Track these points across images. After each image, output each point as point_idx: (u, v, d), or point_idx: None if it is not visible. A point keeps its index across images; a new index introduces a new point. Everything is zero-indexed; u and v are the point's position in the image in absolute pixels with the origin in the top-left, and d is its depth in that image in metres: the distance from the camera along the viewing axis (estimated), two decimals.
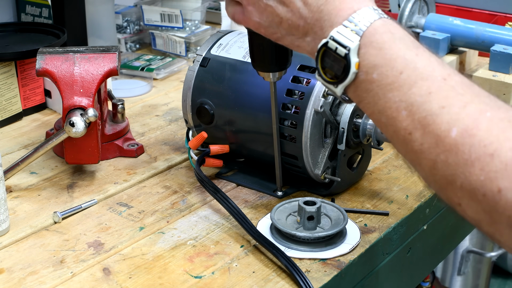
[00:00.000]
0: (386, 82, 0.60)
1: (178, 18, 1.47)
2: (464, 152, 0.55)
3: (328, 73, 0.64)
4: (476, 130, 0.55)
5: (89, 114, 0.92)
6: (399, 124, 0.60)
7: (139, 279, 0.77)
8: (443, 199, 0.60)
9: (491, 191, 0.54)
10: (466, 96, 0.58)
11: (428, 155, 0.58)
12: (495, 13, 1.48)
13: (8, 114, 1.16)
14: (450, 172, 0.57)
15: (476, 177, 0.55)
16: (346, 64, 0.62)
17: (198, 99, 0.96)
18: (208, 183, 0.87)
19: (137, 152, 1.05)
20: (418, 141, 0.58)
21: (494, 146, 0.54)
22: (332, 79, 0.64)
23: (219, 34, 1.00)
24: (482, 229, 0.58)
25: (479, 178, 0.54)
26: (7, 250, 0.82)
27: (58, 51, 0.98)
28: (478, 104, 0.57)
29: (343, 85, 0.63)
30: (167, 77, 1.38)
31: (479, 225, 0.57)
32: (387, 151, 1.07)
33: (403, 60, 0.60)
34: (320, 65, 0.65)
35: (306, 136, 0.88)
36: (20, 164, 0.96)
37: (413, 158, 0.60)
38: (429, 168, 0.58)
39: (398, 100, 0.59)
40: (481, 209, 0.55)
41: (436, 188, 0.60)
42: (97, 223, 0.88)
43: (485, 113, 0.56)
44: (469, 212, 0.57)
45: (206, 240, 0.84)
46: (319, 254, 0.81)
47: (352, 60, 0.62)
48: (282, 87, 0.90)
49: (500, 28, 1.33)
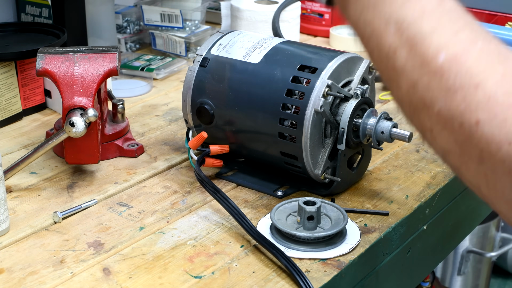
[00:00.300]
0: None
1: (178, 18, 1.47)
2: (448, 78, 0.54)
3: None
4: (464, 58, 0.54)
5: (89, 114, 0.92)
6: (384, 39, 0.57)
7: (139, 279, 0.77)
8: (413, 123, 0.58)
9: (469, 122, 0.52)
10: (459, 22, 0.56)
11: (409, 75, 0.56)
12: (495, 13, 1.48)
13: (8, 114, 1.16)
14: (429, 95, 0.55)
15: (456, 105, 0.53)
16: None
17: (198, 99, 0.96)
18: (208, 183, 0.87)
19: (137, 152, 1.05)
20: (402, 59, 0.56)
21: (481, 77, 0.53)
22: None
23: (219, 34, 1.00)
24: (448, 161, 0.56)
25: (459, 107, 0.53)
26: (7, 250, 0.82)
27: (58, 51, 0.98)
28: (470, 33, 0.56)
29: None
30: (167, 77, 1.38)
31: (446, 156, 0.56)
32: (387, 151, 1.07)
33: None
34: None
35: (306, 136, 0.88)
36: (20, 164, 0.96)
37: (391, 76, 0.58)
38: (408, 88, 0.57)
39: (388, 13, 0.57)
40: (453, 139, 0.54)
41: (409, 110, 0.58)
42: (97, 223, 0.88)
43: (476, 42, 0.55)
44: (439, 140, 0.55)
45: (206, 240, 0.84)
46: (319, 254, 0.81)
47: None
48: (282, 87, 0.90)
49: (500, 28, 1.33)
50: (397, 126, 0.91)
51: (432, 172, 1.00)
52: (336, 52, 0.92)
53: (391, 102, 1.27)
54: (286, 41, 0.97)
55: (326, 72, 0.88)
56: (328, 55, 0.91)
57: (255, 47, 0.95)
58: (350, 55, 0.92)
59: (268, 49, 0.94)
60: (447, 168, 1.02)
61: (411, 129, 1.13)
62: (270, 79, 0.91)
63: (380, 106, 1.24)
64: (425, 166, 1.02)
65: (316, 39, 1.65)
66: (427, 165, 1.02)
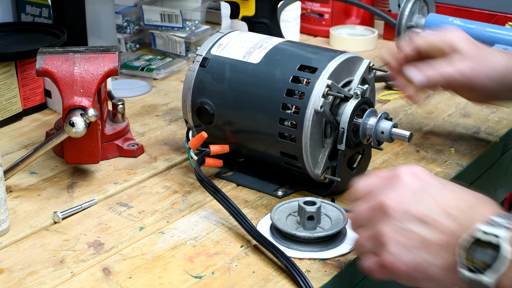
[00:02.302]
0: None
1: (178, 18, 1.47)
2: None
3: (476, 263, 0.63)
4: None
5: (89, 114, 0.92)
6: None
7: (139, 279, 0.77)
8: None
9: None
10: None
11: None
12: (495, 13, 1.48)
13: (8, 114, 1.16)
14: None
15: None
16: (498, 251, 0.61)
17: (198, 99, 0.96)
18: (208, 183, 0.87)
19: (137, 152, 1.05)
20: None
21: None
22: (480, 268, 0.62)
23: (219, 34, 1.00)
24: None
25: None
26: (7, 250, 0.82)
27: (58, 51, 0.98)
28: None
29: (495, 271, 0.61)
30: (167, 77, 1.38)
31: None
32: (387, 151, 1.07)
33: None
34: (465, 257, 0.63)
35: (306, 136, 0.88)
36: (20, 164, 0.96)
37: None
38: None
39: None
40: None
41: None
42: (97, 223, 0.88)
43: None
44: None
45: (206, 240, 0.84)
46: (319, 254, 0.81)
47: (504, 247, 0.61)
48: (282, 87, 0.90)
49: (500, 28, 1.33)
50: (397, 126, 0.91)
51: (432, 172, 1.00)
52: (336, 52, 0.92)
53: (391, 102, 1.27)
54: (286, 41, 0.98)
55: (326, 72, 0.88)
56: (328, 55, 0.91)
57: (255, 47, 0.95)
58: (350, 55, 0.92)
59: (268, 49, 0.94)
60: (447, 168, 1.02)
61: (411, 129, 1.13)
62: (270, 79, 0.91)
63: (380, 106, 1.24)
64: (425, 166, 1.02)
65: (316, 39, 1.65)
66: (427, 165, 1.02)
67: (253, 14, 1.16)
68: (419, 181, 0.69)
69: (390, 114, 0.94)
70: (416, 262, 0.66)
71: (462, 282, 0.64)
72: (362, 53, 1.52)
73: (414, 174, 0.70)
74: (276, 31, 1.17)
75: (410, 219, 0.67)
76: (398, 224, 0.67)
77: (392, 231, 0.67)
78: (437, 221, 0.66)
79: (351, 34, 1.61)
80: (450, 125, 1.17)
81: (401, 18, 1.37)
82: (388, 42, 1.62)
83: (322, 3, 1.65)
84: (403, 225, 0.67)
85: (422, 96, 1.06)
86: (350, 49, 1.52)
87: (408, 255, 0.66)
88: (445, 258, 0.65)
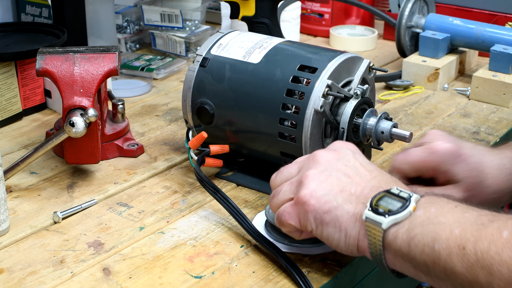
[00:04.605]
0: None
1: (178, 18, 1.47)
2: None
3: (381, 208, 0.67)
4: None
5: (89, 114, 0.92)
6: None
7: (139, 279, 0.77)
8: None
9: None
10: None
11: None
12: (495, 13, 1.48)
13: (8, 114, 1.16)
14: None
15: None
16: (405, 203, 0.66)
17: (198, 99, 0.96)
18: (208, 183, 0.87)
19: (137, 152, 1.05)
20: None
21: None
22: (382, 212, 0.67)
23: (219, 34, 1.00)
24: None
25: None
26: (7, 250, 0.82)
27: (58, 51, 0.98)
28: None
29: (395, 218, 0.66)
30: (167, 77, 1.39)
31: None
32: (387, 151, 1.07)
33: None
34: (374, 202, 0.68)
35: (306, 136, 0.88)
36: (20, 164, 0.96)
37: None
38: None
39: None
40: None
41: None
42: (97, 223, 0.88)
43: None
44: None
45: (206, 240, 0.84)
46: (320, 249, 0.81)
47: (412, 203, 0.66)
48: (282, 87, 0.90)
49: (500, 28, 1.33)
50: (397, 126, 0.91)
51: None
52: (336, 52, 0.92)
53: (391, 102, 1.27)
54: (286, 41, 0.98)
55: (326, 72, 0.88)
56: (328, 55, 0.91)
57: (255, 47, 0.95)
58: (350, 55, 0.92)
59: (268, 49, 0.94)
60: None
61: (411, 128, 1.13)
62: (270, 79, 0.91)
63: (380, 106, 1.24)
64: None
65: (316, 39, 1.65)
66: None
67: (253, 14, 1.16)
68: (341, 151, 0.76)
69: (390, 114, 0.94)
70: (327, 199, 0.71)
71: (362, 237, 0.69)
72: (362, 53, 1.52)
73: (330, 149, 0.76)
74: (276, 31, 1.17)
75: (336, 170, 0.73)
76: (323, 170, 0.73)
77: (317, 173, 0.73)
78: (359, 177, 0.72)
79: (351, 34, 1.61)
80: (450, 125, 1.17)
81: (401, 18, 1.37)
82: (388, 42, 1.62)
83: (322, 3, 1.65)
84: (328, 172, 0.73)
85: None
86: (350, 49, 1.52)
87: (323, 191, 0.71)
88: (355, 205, 0.70)
